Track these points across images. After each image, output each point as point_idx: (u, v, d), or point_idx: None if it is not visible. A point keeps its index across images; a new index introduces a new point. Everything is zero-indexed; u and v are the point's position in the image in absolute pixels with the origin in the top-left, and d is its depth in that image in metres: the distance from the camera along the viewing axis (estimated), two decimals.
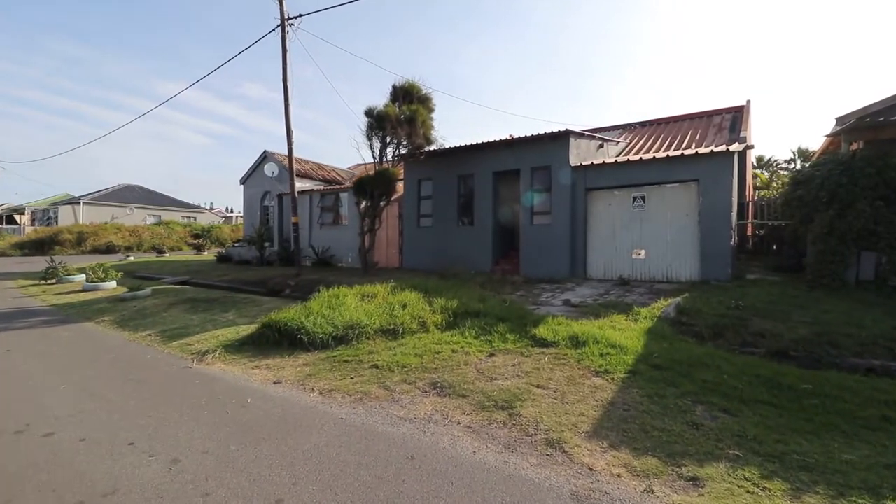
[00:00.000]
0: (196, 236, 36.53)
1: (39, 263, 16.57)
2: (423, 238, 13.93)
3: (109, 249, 30.20)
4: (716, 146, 10.67)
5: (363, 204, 12.08)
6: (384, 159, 12.22)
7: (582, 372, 4.59)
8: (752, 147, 10.31)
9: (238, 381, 4.83)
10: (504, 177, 12.89)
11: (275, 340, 5.99)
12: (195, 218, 52.01)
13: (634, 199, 10.68)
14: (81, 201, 45.36)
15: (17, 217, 36.30)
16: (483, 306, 6.86)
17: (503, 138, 12.03)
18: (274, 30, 12.62)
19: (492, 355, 5.19)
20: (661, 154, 10.56)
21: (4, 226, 43.96)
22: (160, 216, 49.00)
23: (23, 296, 11.18)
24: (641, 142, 15.07)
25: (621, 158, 11.23)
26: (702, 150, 10.03)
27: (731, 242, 9.61)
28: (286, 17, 12.34)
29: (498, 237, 12.78)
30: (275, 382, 4.74)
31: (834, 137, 11.81)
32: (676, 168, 10.11)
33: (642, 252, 10.57)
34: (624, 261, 10.78)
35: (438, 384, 4.44)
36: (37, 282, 13.78)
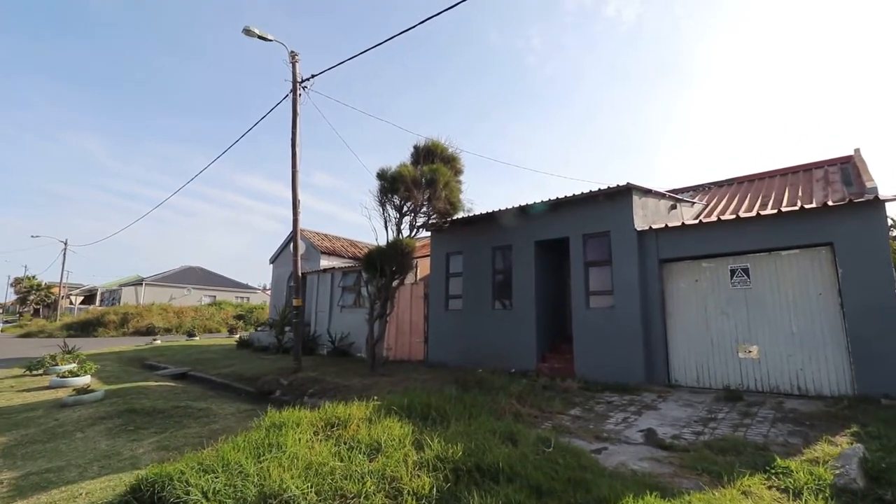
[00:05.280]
0: (238, 317, 35.85)
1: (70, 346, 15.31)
2: (452, 325, 11.31)
3: (149, 331, 29.79)
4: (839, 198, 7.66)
5: (373, 283, 9.84)
6: (401, 230, 10.12)
7: None
8: None
9: None
10: (549, 248, 10.32)
11: None
12: (248, 298, 52.52)
13: (733, 272, 7.68)
14: (144, 282, 47.14)
15: (72, 298, 37.52)
16: (508, 454, 4.04)
17: (547, 200, 9.64)
18: (287, 96, 11.54)
19: None
20: (769, 211, 7.66)
21: (71, 306, 46.13)
22: (215, 296, 49.79)
23: None
24: (723, 203, 12.12)
25: (708, 219, 8.40)
26: (833, 201, 7.09)
27: None
28: (299, 80, 11.23)
29: (544, 324, 9.93)
30: None
31: None
32: (794, 228, 7.16)
33: (753, 349, 7.34)
34: (727, 361, 7.55)
35: None
36: (24, 372, 12.36)
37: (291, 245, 18.25)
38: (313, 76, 11.07)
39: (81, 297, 43.12)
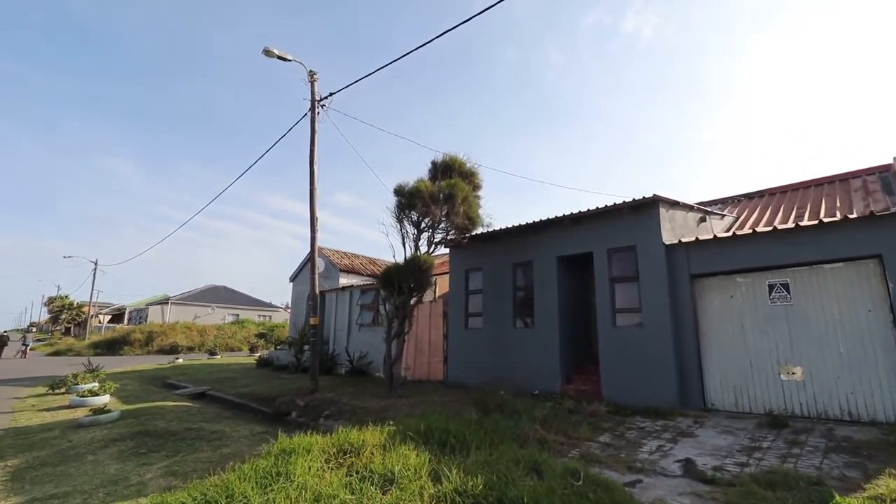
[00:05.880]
0: (260, 335, 36.01)
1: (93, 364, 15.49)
2: (473, 344, 10.96)
3: (173, 349, 30.12)
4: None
5: (391, 301, 9.63)
6: (419, 246, 9.92)
7: None
8: None
9: None
10: (573, 263, 9.96)
11: None
12: (270, 317, 52.80)
13: (771, 287, 7.20)
14: (170, 301, 48.05)
15: (101, 316, 38.38)
16: (533, 488, 3.70)
17: (568, 213, 9.33)
18: (305, 114, 11.61)
19: None
20: (809, 222, 7.20)
21: (100, 324, 47.26)
22: (238, 315, 50.25)
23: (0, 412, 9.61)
24: (755, 215, 11.59)
25: (742, 231, 7.95)
26: (877, 211, 6.60)
27: None
28: (317, 98, 11.30)
29: (568, 343, 9.51)
30: None
31: None
32: (837, 240, 6.67)
33: (797, 370, 6.81)
34: (768, 383, 7.02)
35: None
36: (47, 390, 12.50)
37: (310, 263, 18.29)
38: (331, 94, 11.13)
39: (110, 316, 44.12)
